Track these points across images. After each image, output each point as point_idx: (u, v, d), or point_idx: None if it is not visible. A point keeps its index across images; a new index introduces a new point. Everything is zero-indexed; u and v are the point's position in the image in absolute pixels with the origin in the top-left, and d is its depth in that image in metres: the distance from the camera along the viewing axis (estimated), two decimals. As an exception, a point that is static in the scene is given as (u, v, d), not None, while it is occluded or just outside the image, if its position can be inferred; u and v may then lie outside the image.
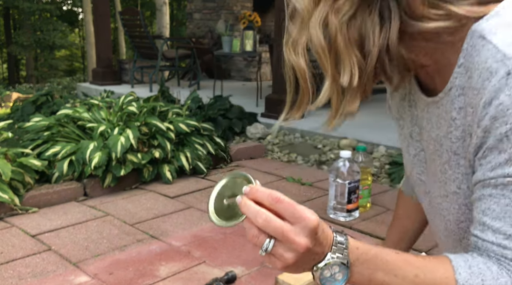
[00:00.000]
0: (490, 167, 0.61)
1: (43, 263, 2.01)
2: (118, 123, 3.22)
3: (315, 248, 0.60)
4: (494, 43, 0.60)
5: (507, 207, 0.59)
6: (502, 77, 0.58)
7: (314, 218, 0.59)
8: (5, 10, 18.80)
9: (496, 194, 0.60)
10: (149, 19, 21.75)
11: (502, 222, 0.60)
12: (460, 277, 0.61)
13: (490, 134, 0.60)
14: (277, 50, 4.61)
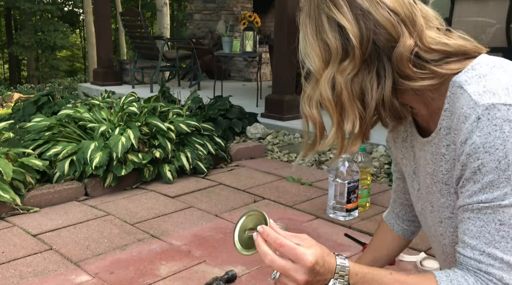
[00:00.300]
0: (468, 195, 0.74)
1: (44, 262, 2.02)
2: (119, 123, 3.23)
3: (316, 278, 0.75)
4: (468, 92, 0.73)
5: (482, 228, 0.72)
6: (473, 121, 0.71)
7: (311, 259, 0.73)
8: (6, 10, 18.83)
9: (473, 217, 0.73)
10: (150, 20, 21.77)
11: (477, 240, 0.73)
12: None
13: (467, 168, 0.73)
14: (277, 51, 4.61)
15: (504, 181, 0.69)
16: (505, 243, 0.70)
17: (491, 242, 0.71)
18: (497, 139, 0.69)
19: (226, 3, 8.32)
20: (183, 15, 18.15)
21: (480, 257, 0.72)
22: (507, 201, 0.69)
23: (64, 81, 13.73)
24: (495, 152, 0.69)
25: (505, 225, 0.70)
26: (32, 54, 17.51)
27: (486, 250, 0.72)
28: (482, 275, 0.72)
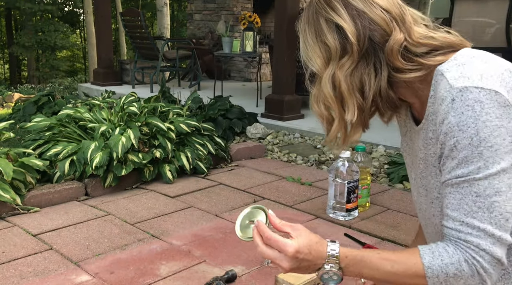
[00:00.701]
0: (447, 171, 0.81)
1: (44, 262, 2.02)
2: (119, 123, 3.24)
3: (303, 264, 0.85)
4: (446, 78, 0.81)
5: (461, 201, 0.79)
6: (449, 103, 0.79)
7: (291, 250, 0.84)
8: (6, 11, 18.83)
9: (453, 191, 0.81)
10: (150, 20, 21.78)
11: (457, 212, 0.80)
12: (425, 260, 0.81)
13: (445, 146, 0.80)
14: (277, 51, 4.62)
15: (477, 156, 0.76)
16: (482, 213, 0.77)
17: (469, 213, 0.78)
18: (469, 118, 0.76)
19: (226, 3, 8.32)
20: (183, 15, 18.15)
21: (460, 227, 0.79)
22: (481, 174, 0.76)
23: (64, 81, 13.74)
24: (467, 130, 0.76)
25: (481, 196, 0.77)
26: (32, 54, 17.51)
27: (465, 220, 0.78)
28: (462, 243, 0.79)
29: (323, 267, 0.85)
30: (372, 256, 0.84)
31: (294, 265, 0.84)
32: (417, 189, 0.97)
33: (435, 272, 0.79)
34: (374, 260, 0.83)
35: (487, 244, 0.77)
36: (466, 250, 0.78)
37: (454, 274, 0.78)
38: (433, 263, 0.80)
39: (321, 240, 0.87)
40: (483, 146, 0.76)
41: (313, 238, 0.87)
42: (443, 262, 0.79)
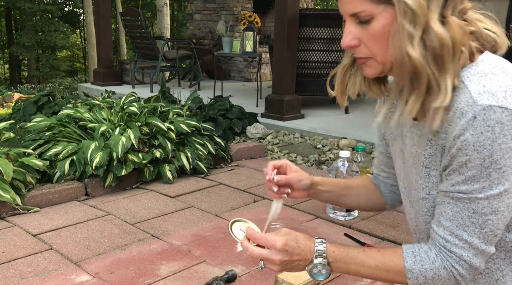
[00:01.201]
0: (451, 183, 0.81)
1: (44, 262, 2.02)
2: (119, 123, 3.24)
3: (293, 257, 0.88)
4: (469, 89, 0.78)
5: (457, 213, 0.81)
6: (469, 120, 0.76)
7: (279, 243, 0.86)
8: (6, 11, 18.84)
9: (451, 203, 0.82)
10: (150, 20, 21.79)
11: (451, 222, 0.82)
12: (406, 264, 0.85)
13: (455, 160, 0.80)
14: (277, 51, 4.62)
15: (485, 176, 0.77)
16: (473, 228, 0.80)
17: (461, 226, 0.81)
18: (487, 139, 0.75)
19: (226, 3, 8.32)
20: (183, 15, 18.16)
21: (449, 237, 0.82)
22: (483, 194, 0.78)
23: (64, 81, 13.73)
24: (483, 151, 0.76)
25: (477, 213, 0.79)
26: (32, 54, 17.51)
27: (455, 232, 0.81)
28: (445, 252, 0.83)
29: (311, 261, 0.88)
30: (358, 253, 0.88)
31: (284, 257, 0.86)
32: (405, 179, 0.98)
33: (415, 275, 0.84)
34: (360, 257, 0.87)
35: (469, 255, 0.81)
36: (447, 259, 0.82)
37: (432, 277, 0.84)
38: (414, 267, 0.84)
39: (309, 236, 0.90)
40: (493, 167, 0.76)
41: (300, 234, 0.90)
42: (423, 267, 0.84)
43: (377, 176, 1.16)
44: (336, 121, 4.57)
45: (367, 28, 0.80)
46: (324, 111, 5.13)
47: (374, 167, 1.17)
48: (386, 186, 1.14)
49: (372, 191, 1.15)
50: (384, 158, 1.11)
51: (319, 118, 4.74)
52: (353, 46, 0.84)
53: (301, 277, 1.86)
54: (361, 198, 1.14)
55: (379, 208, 1.17)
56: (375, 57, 0.83)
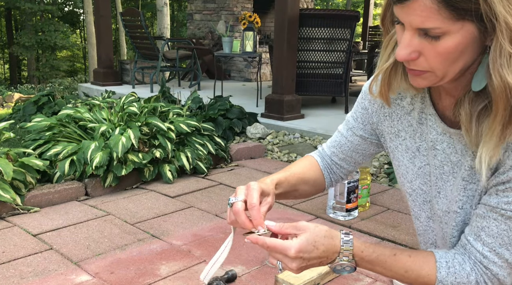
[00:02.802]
0: (506, 201, 0.75)
1: (44, 262, 2.02)
2: (119, 123, 3.24)
3: (312, 262, 0.81)
4: None
5: (504, 232, 0.76)
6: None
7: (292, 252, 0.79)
8: (7, 11, 18.84)
9: (499, 220, 0.77)
10: (150, 20, 21.79)
11: (493, 239, 0.77)
12: (439, 275, 0.80)
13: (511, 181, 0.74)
14: (277, 51, 4.62)
15: None
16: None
17: (505, 245, 0.76)
18: None
19: (226, 3, 8.32)
20: (183, 15, 18.16)
21: (488, 253, 0.77)
22: None
23: (64, 81, 13.74)
24: None
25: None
26: (32, 54, 17.51)
27: (497, 250, 0.77)
28: (481, 268, 0.78)
29: (336, 260, 0.81)
30: (388, 256, 0.82)
31: (301, 264, 0.80)
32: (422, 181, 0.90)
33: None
34: (389, 261, 0.82)
35: (504, 274, 0.78)
36: (482, 275, 0.79)
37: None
38: (447, 279, 0.80)
39: (331, 232, 0.82)
40: None
41: (320, 232, 0.81)
42: (456, 280, 0.79)
43: (326, 158, 1.07)
44: (336, 121, 4.57)
45: (434, 44, 0.70)
46: (324, 111, 5.13)
47: (329, 145, 1.07)
48: (331, 169, 1.06)
49: (317, 178, 1.06)
50: (356, 141, 1.01)
51: (319, 118, 4.74)
52: (411, 59, 0.74)
53: (301, 277, 1.86)
54: (307, 190, 1.05)
55: (318, 192, 1.09)
56: (435, 72, 0.74)
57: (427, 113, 0.87)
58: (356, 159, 1.04)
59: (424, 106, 0.87)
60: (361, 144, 1.02)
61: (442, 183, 0.86)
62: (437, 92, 0.85)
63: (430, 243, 0.94)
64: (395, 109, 0.93)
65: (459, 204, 0.83)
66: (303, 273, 1.90)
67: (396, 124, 0.93)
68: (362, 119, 1.00)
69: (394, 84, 0.84)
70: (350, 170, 1.07)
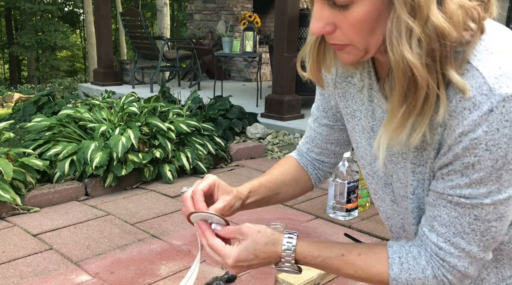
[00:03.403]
0: (450, 185, 0.68)
1: (44, 262, 2.02)
2: (119, 123, 3.24)
3: (252, 267, 0.79)
4: (482, 73, 0.62)
5: (455, 219, 0.70)
6: (484, 113, 0.61)
7: (230, 261, 0.79)
8: (6, 11, 18.84)
9: (449, 207, 0.70)
10: (150, 20, 21.79)
11: (446, 229, 0.71)
12: (392, 272, 0.74)
13: (459, 160, 0.66)
14: (277, 51, 4.62)
15: (494, 179, 0.65)
16: (473, 236, 0.69)
17: (459, 233, 0.70)
18: (503, 137, 0.61)
19: (226, 3, 8.32)
20: (183, 15, 18.16)
21: (443, 244, 0.71)
22: (489, 199, 0.66)
23: (64, 81, 13.75)
24: (496, 151, 0.62)
25: (479, 220, 0.68)
26: (32, 54, 17.52)
27: (452, 240, 0.70)
28: (438, 260, 0.72)
29: (278, 263, 0.79)
30: (334, 258, 0.77)
31: (241, 270, 0.80)
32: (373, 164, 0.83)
33: (400, 284, 0.75)
34: (336, 263, 0.77)
35: (464, 265, 0.71)
36: (439, 268, 0.72)
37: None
38: (400, 276, 0.74)
39: (274, 237, 0.79)
40: (505, 168, 0.64)
41: (262, 239, 0.79)
42: (411, 276, 0.74)
43: (304, 155, 1.02)
44: (336, 121, 4.57)
45: (345, 14, 0.65)
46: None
47: (303, 142, 1.02)
48: (314, 166, 1.01)
49: (300, 177, 1.01)
50: (324, 131, 0.96)
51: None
52: (327, 33, 0.68)
53: (301, 277, 1.86)
54: (290, 191, 1.00)
55: (306, 191, 1.04)
56: (355, 45, 0.68)
57: (374, 89, 0.79)
58: (333, 150, 0.98)
59: (371, 81, 0.79)
60: (331, 134, 0.96)
61: (393, 165, 0.78)
62: (379, 66, 0.77)
63: (399, 227, 0.86)
64: (348, 88, 0.85)
65: (411, 189, 0.76)
66: (303, 273, 1.90)
67: (351, 104, 0.86)
68: (323, 107, 0.95)
69: (326, 61, 0.77)
70: (333, 162, 1.01)
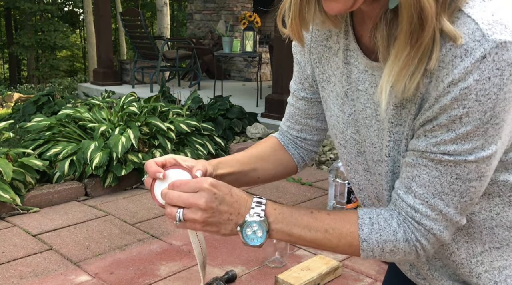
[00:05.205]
0: (434, 142, 0.64)
1: (44, 262, 2.02)
2: (119, 123, 3.23)
3: (222, 207, 0.69)
4: (474, 19, 0.59)
5: (436, 179, 0.65)
6: (476, 60, 0.58)
7: (206, 183, 0.68)
8: (6, 10, 18.84)
9: (430, 166, 0.65)
10: (150, 20, 21.78)
11: (425, 189, 0.66)
12: (362, 232, 0.70)
13: (445, 113, 0.62)
14: (277, 51, 4.61)
15: (480, 134, 0.61)
16: (452, 197, 0.66)
17: (438, 194, 0.66)
18: (494, 87, 0.58)
19: (226, 3, 8.32)
20: (183, 15, 18.16)
21: (419, 206, 0.67)
22: (473, 156, 0.63)
23: (64, 81, 13.74)
24: (486, 102, 0.59)
25: (461, 179, 0.64)
26: (32, 54, 17.52)
27: (430, 201, 0.67)
28: (412, 223, 0.69)
29: (245, 218, 0.69)
30: (304, 214, 0.72)
31: (212, 203, 0.68)
32: (354, 128, 0.79)
33: (371, 246, 0.70)
34: (306, 219, 0.71)
35: (439, 228, 0.68)
36: (412, 231, 0.69)
37: (391, 250, 0.70)
38: (370, 237, 0.70)
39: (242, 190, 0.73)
40: (492, 123, 0.60)
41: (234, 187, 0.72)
42: (382, 237, 0.69)
43: (285, 134, 0.97)
44: (336, 121, 4.57)
45: None
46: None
47: (284, 121, 0.97)
48: (295, 144, 0.96)
49: (281, 155, 0.95)
50: (302, 106, 0.91)
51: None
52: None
53: (301, 278, 1.85)
54: (270, 168, 0.93)
55: (291, 173, 0.97)
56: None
57: (351, 49, 0.75)
58: (314, 126, 0.93)
59: (348, 42, 0.75)
60: (309, 108, 0.90)
61: (366, 129, 0.75)
62: (360, 22, 0.74)
63: (373, 198, 0.82)
64: (324, 52, 0.81)
65: (386, 151, 0.72)
66: (303, 273, 1.90)
67: (327, 69, 0.81)
68: (299, 79, 0.89)
69: (307, 17, 0.72)
70: (317, 140, 0.96)
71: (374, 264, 2.04)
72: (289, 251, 2.08)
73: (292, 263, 2.01)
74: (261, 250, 2.10)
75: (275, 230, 0.70)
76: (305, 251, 2.14)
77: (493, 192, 0.70)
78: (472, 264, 0.74)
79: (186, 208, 0.69)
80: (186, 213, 0.68)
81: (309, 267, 1.92)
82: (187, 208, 0.69)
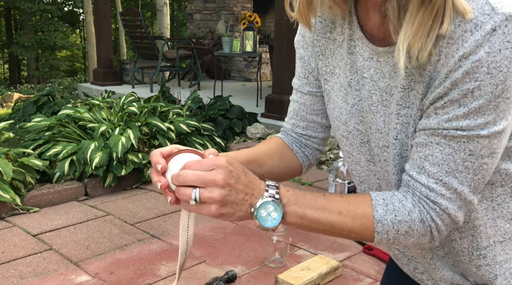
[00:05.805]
0: (446, 118, 0.64)
1: (44, 262, 2.02)
2: (119, 123, 3.23)
3: (238, 186, 0.65)
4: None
5: (449, 156, 0.65)
6: (486, 33, 0.59)
7: (222, 160, 0.64)
8: (6, 10, 18.84)
9: (443, 144, 0.65)
10: (150, 19, 21.78)
11: (439, 168, 0.66)
12: (376, 213, 0.68)
13: (457, 87, 0.62)
14: (277, 51, 4.62)
15: (492, 108, 0.62)
16: (466, 174, 0.65)
17: (452, 172, 0.66)
18: (505, 59, 0.59)
19: (226, 3, 8.32)
20: (183, 15, 18.16)
21: (434, 185, 0.67)
22: (486, 130, 0.63)
23: (64, 81, 13.74)
24: (497, 74, 0.60)
25: (474, 155, 0.64)
26: (32, 54, 17.52)
27: (444, 179, 0.66)
28: (427, 203, 0.68)
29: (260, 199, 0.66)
30: (317, 196, 0.70)
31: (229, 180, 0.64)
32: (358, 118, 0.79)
33: (386, 227, 0.68)
34: (320, 200, 0.70)
35: (454, 208, 0.67)
36: (428, 211, 0.68)
37: (405, 231, 0.68)
38: (385, 218, 0.68)
39: None
40: (503, 96, 0.61)
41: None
42: (397, 218, 0.68)
43: (290, 133, 0.97)
44: (336, 121, 4.56)
45: None
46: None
47: (287, 119, 0.97)
48: (300, 143, 0.95)
49: (285, 154, 0.94)
50: (308, 101, 0.90)
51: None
52: None
53: (301, 278, 1.85)
54: (276, 166, 0.91)
55: (296, 173, 0.96)
56: None
57: (355, 39, 0.76)
58: (319, 122, 0.92)
59: (352, 31, 0.76)
60: (315, 103, 0.90)
61: (372, 115, 0.75)
62: (364, 10, 0.74)
63: (375, 190, 0.81)
64: (328, 45, 0.82)
65: (394, 134, 0.72)
66: (303, 273, 1.90)
67: (331, 61, 0.82)
68: (303, 73, 0.89)
69: (314, 1, 0.72)
70: (322, 138, 0.95)
71: (374, 264, 2.04)
72: (289, 251, 2.08)
73: (292, 263, 2.01)
74: (261, 250, 2.10)
75: (288, 212, 0.68)
76: (305, 251, 2.14)
77: (496, 181, 0.71)
78: (473, 256, 0.74)
79: (202, 188, 0.64)
80: (203, 192, 0.64)
81: (309, 267, 1.92)
82: (203, 188, 0.64)
